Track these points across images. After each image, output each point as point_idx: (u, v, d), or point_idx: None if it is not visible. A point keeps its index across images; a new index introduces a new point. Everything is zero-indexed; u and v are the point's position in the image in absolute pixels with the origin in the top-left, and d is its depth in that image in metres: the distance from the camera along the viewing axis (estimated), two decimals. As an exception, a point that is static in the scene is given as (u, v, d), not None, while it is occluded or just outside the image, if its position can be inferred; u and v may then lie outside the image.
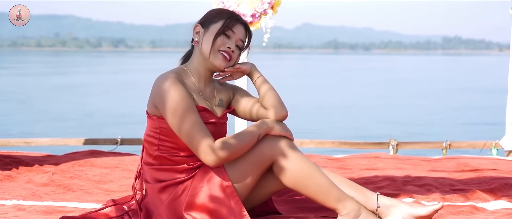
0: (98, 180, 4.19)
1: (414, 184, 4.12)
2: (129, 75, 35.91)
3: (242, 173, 2.82)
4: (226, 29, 2.87)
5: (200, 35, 2.90)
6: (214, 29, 2.87)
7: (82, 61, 67.10)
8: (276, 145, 2.82)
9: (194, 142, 2.73)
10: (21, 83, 26.83)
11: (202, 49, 2.88)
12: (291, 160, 2.81)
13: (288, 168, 2.81)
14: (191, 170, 2.86)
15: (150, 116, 2.85)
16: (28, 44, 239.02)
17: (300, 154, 2.85)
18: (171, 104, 2.73)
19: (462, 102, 18.65)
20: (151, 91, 2.84)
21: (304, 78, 34.04)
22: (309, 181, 2.81)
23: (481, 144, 5.90)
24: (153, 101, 2.81)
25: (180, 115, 2.73)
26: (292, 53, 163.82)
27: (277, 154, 2.82)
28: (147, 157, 2.91)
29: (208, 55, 2.86)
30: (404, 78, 34.43)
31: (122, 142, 5.76)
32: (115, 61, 68.42)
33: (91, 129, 11.13)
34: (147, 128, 2.90)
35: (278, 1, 5.54)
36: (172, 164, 2.85)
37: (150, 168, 2.89)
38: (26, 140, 5.81)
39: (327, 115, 14.94)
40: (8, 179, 4.14)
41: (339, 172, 4.68)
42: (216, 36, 2.85)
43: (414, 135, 10.69)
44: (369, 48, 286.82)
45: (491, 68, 54.91)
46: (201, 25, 2.92)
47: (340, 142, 5.96)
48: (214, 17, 2.91)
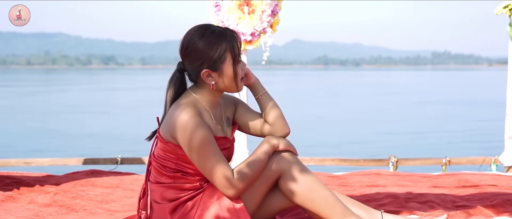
0: (100, 200, 4.16)
1: (416, 201, 4.12)
2: (120, 92, 35.86)
3: (250, 189, 2.82)
4: (237, 57, 2.84)
5: (214, 78, 2.83)
6: (228, 67, 2.81)
7: (73, 79, 66.95)
8: (282, 160, 2.84)
9: (214, 176, 2.75)
10: (14, 102, 26.71)
11: (223, 88, 2.86)
12: (297, 174, 2.83)
13: (294, 183, 2.82)
14: (202, 185, 2.86)
15: (165, 142, 2.82)
16: (18, 62, 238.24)
17: (305, 169, 2.87)
18: (191, 139, 2.72)
19: (458, 117, 18.72)
20: (167, 120, 2.81)
21: (297, 93, 34.09)
22: (315, 196, 2.81)
23: (480, 160, 5.91)
24: (170, 131, 2.78)
25: (198, 150, 2.73)
26: (283, 69, 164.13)
27: (283, 169, 2.83)
28: (159, 176, 2.89)
29: (234, 88, 2.86)
30: (397, 93, 34.53)
31: (122, 161, 5.74)
32: (106, 79, 68.30)
33: (89, 149, 11.09)
34: (158, 149, 2.87)
35: (277, 19, 5.57)
36: (185, 182, 2.85)
37: (161, 186, 2.88)
38: (26, 160, 5.78)
39: (326, 129, 14.98)
40: (10, 200, 4.12)
41: (341, 190, 4.68)
42: (235, 74, 2.83)
43: (412, 151, 10.72)
44: (359, 64, 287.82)
45: (482, 82, 55.17)
46: (209, 69, 2.81)
47: (340, 159, 5.96)
48: (218, 55, 2.79)
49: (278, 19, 5.57)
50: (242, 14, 5.44)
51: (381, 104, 24.95)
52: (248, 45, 5.53)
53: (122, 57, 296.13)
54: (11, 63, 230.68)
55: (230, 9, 5.45)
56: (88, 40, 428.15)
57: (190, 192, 2.84)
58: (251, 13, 5.44)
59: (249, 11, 5.44)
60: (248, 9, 5.43)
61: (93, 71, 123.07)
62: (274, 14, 5.53)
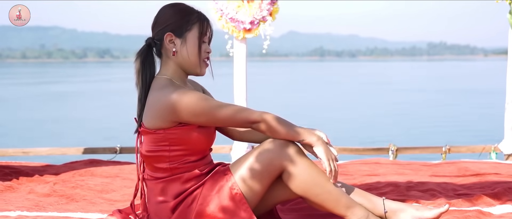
0: (100, 190, 4.14)
1: (417, 189, 4.11)
2: (117, 84, 35.84)
3: (252, 181, 2.79)
4: (203, 35, 2.84)
5: (176, 45, 2.83)
6: (192, 38, 2.82)
7: (70, 73, 66.86)
8: (285, 152, 2.78)
9: (236, 115, 2.75)
10: (11, 94, 26.69)
11: (183, 60, 2.84)
12: (301, 167, 2.78)
13: (298, 176, 2.78)
14: (201, 176, 2.84)
15: (155, 132, 2.78)
16: (13, 56, 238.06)
17: (309, 161, 2.82)
18: (194, 106, 2.71)
19: (456, 106, 18.74)
20: (152, 109, 2.77)
21: (295, 84, 34.10)
22: (319, 189, 2.79)
23: (480, 148, 5.91)
24: (167, 118, 2.74)
25: (207, 108, 2.73)
26: (279, 61, 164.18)
27: (287, 161, 2.78)
28: (153, 172, 2.86)
29: (194, 67, 2.84)
30: (394, 83, 34.57)
31: (121, 151, 5.72)
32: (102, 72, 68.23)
33: (86, 138, 11.08)
34: (147, 144, 2.83)
35: (276, 7, 5.54)
36: (183, 171, 2.82)
37: (160, 182, 2.85)
38: (24, 149, 5.76)
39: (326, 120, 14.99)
40: (9, 190, 4.10)
41: (341, 178, 4.67)
42: (199, 47, 2.83)
43: (411, 139, 10.73)
44: (355, 55, 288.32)
45: (479, 72, 55.26)
46: (173, 33, 2.82)
47: (339, 148, 5.94)
48: (185, 22, 2.81)
49: (278, 7, 5.55)
50: (241, 2, 5.41)
51: (379, 93, 24.98)
52: (248, 34, 5.50)
53: (117, 50, 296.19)
54: (6, 57, 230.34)
55: (229, -3, 5.43)
56: (83, 34, 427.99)
57: (192, 183, 2.82)
58: (250, 1, 5.41)
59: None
60: (247, -3, 5.41)
61: (88, 65, 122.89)
62: (274, 2, 5.51)
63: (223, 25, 5.50)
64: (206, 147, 2.87)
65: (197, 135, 2.79)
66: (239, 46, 5.62)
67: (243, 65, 5.62)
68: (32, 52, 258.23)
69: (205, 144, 2.84)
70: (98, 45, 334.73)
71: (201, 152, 2.85)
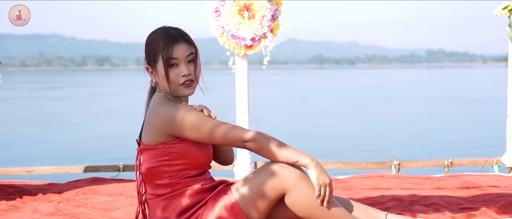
0: (104, 208, 4.14)
1: (421, 203, 4.12)
2: (117, 95, 35.81)
3: (254, 202, 2.79)
4: (169, 61, 2.81)
5: (155, 76, 2.87)
6: (160, 68, 2.82)
7: (71, 81, 66.82)
8: (289, 175, 2.77)
9: (226, 134, 2.74)
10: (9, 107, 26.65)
11: (163, 89, 2.86)
12: (303, 190, 2.76)
13: (301, 199, 2.77)
14: (204, 193, 2.84)
15: (154, 147, 2.81)
16: (13, 64, 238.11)
17: (311, 184, 2.81)
18: (189, 120, 2.73)
19: (457, 117, 18.71)
20: (148, 125, 2.82)
21: (295, 94, 34.09)
22: (323, 212, 2.78)
23: (482, 161, 5.91)
24: (162, 131, 2.77)
25: (197, 123, 2.74)
26: (278, 69, 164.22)
27: (290, 185, 2.76)
28: (154, 189, 2.87)
29: (173, 92, 2.85)
30: (394, 92, 34.55)
31: (124, 168, 5.72)
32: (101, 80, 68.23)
33: (89, 156, 11.06)
34: (147, 162, 2.85)
35: (277, 24, 5.56)
36: (184, 186, 2.83)
37: (160, 199, 2.85)
38: (27, 168, 5.76)
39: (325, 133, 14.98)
40: (14, 209, 4.09)
41: (344, 193, 4.68)
42: (166, 75, 2.81)
43: (413, 152, 10.71)
44: (354, 63, 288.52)
45: (479, 79, 55.23)
46: (150, 66, 2.87)
47: (342, 162, 5.96)
48: (153, 54, 2.83)
49: (278, 23, 5.57)
50: (242, 19, 5.43)
51: (378, 104, 24.95)
52: (249, 50, 5.53)
53: (117, 58, 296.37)
54: (5, 65, 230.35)
55: (230, 14, 5.45)
56: (82, 41, 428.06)
57: (194, 198, 2.82)
58: (251, 18, 5.43)
59: (249, 16, 5.43)
60: (248, 14, 5.43)
61: (88, 73, 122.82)
62: (274, 19, 5.53)
63: (224, 42, 5.52)
64: (205, 162, 2.88)
65: (196, 150, 2.81)
66: (240, 62, 5.64)
67: (245, 81, 5.65)
68: (31, 60, 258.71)
69: (204, 158, 2.85)
70: (97, 53, 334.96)
71: (201, 166, 2.86)
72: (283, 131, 13.76)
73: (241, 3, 5.43)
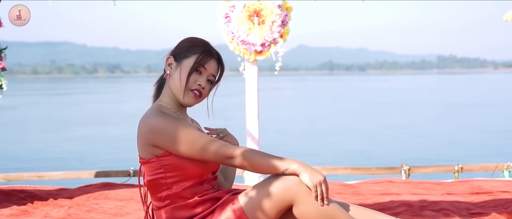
0: (114, 213, 4.17)
1: (431, 209, 4.12)
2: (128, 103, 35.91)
3: (261, 213, 2.77)
4: (199, 66, 2.83)
5: (171, 68, 2.87)
6: (186, 65, 2.83)
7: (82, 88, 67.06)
8: (296, 186, 2.72)
9: (211, 147, 2.73)
10: (19, 113, 26.78)
11: (172, 84, 2.86)
12: (311, 202, 2.72)
13: (309, 211, 2.73)
14: (205, 202, 2.83)
15: (149, 161, 2.80)
16: (24, 71, 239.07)
17: None
18: (173, 132, 2.71)
19: (468, 122, 18.65)
20: (140, 136, 2.80)
21: (305, 101, 34.07)
22: None
23: (493, 166, 5.90)
24: (149, 142, 2.76)
25: (188, 135, 2.72)
26: (288, 75, 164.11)
27: (297, 196, 2.72)
28: (156, 201, 2.88)
29: (179, 93, 2.84)
30: (405, 97, 34.46)
31: (135, 174, 5.73)
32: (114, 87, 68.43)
33: (100, 161, 11.11)
34: (146, 175, 2.85)
35: (287, 29, 5.57)
36: (184, 199, 2.83)
37: (164, 210, 2.86)
38: (38, 174, 5.80)
39: (336, 138, 14.96)
40: (25, 214, 4.12)
41: (354, 199, 4.68)
42: (189, 74, 2.82)
43: (422, 158, 10.68)
44: (364, 69, 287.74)
45: (490, 84, 54.94)
46: (173, 58, 2.87)
47: (352, 168, 5.96)
48: (187, 50, 2.86)
49: (288, 29, 5.58)
50: (252, 25, 5.45)
51: (388, 110, 24.89)
52: (259, 56, 5.54)
53: (127, 65, 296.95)
54: (17, 72, 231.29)
55: (240, 20, 5.46)
56: (93, 49, 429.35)
57: (198, 210, 2.82)
58: (261, 24, 5.44)
59: (259, 22, 5.44)
60: (258, 20, 5.44)
61: (99, 80, 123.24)
62: (284, 25, 5.54)
63: (234, 48, 5.53)
64: (201, 172, 2.84)
65: (189, 161, 2.79)
66: (250, 68, 5.66)
67: (255, 86, 5.66)
68: (42, 67, 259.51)
69: (200, 168, 2.82)
70: (108, 60, 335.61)
71: (197, 176, 2.82)
72: (293, 135, 13.77)
73: (251, 9, 5.45)
